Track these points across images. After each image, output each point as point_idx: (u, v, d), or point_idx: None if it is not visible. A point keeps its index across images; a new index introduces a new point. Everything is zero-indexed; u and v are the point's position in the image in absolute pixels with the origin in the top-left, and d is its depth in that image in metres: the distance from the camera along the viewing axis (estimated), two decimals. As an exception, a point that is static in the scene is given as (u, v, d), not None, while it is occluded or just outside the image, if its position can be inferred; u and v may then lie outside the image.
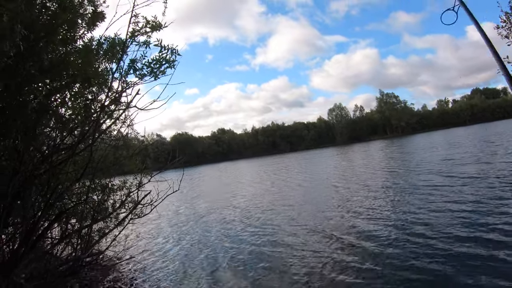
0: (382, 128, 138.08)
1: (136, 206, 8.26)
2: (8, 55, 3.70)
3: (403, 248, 7.57)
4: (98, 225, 8.47)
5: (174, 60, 5.74)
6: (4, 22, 3.45)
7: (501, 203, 9.62)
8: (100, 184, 8.11)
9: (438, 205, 10.67)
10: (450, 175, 15.64)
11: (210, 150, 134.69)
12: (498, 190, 11.21)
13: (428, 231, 8.36)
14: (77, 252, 7.72)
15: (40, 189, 5.77)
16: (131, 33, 5.54)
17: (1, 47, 3.57)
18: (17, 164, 4.68)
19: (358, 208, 12.09)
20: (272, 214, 13.34)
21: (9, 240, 6.00)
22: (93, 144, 6.18)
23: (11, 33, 3.55)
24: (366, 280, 6.31)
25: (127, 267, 8.87)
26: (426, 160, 24.39)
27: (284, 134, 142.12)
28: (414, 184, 15.15)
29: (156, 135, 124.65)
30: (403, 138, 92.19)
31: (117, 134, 8.51)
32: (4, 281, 4.68)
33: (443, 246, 7.28)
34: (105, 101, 5.84)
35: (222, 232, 11.74)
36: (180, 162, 9.64)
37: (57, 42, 4.65)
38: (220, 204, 18.46)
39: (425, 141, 54.68)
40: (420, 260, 6.77)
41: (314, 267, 7.28)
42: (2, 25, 3.45)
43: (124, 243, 10.20)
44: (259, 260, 8.25)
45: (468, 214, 9.16)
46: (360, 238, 8.68)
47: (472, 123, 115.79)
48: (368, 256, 7.41)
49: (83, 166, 6.40)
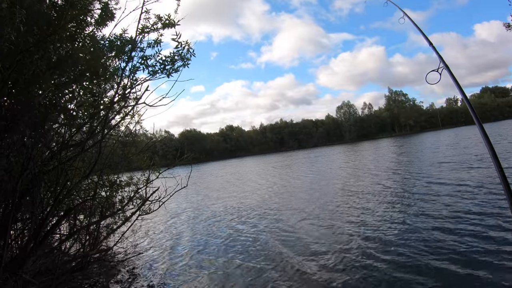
0: (391, 126, 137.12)
1: (145, 203, 8.26)
2: (9, 40, 3.67)
3: (411, 246, 7.47)
4: (106, 221, 8.49)
5: (189, 59, 5.68)
6: (4, 9, 3.43)
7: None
8: (108, 180, 8.12)
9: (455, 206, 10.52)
10: (466, 177, 15.40)
11: (218, 147, 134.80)
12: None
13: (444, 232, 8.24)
14: (85, 248, 7.74)
15: (49, 186, 5.76)
16: (141, 29, 5.49)
17: (2, 32, 3.54)
18: (26, 161, 4.67)
19: (376, 209, 11.97)
20: (282, 212, 13.27)
21: (17, 236, 6.02)
22: (102, 141, 6.17)
23: (11, 17, 3.53)
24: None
25: (135, 263, 8.87)
26: (439, 158, 24.09)
27: (293, 131, 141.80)
28: (428, 183, 14.97)
29: (164, 132, 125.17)
30: (412, 136, 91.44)
31: (125, 130, 8.51)
32: (12, 277, 4.67)
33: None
34: (114, 97, 5.81)
35: (231, 228, 11.70)
36: (188, 158, 9.62)
37: (65, 38, 4.60)
38: (229, 200, 18.47)
39: (434, 139, 54.17)
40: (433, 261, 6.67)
41: (322, 264, 7.22)
42: (2, 12, 3.42)
43: (132, 239, 10.22)
44: (267, 256, 8.20)
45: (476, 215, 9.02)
46: (375, 241, 8.58)
47: (482, 122, 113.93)
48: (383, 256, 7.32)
49: (91, 163, 6.39)
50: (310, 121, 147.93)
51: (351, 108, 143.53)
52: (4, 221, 4.79)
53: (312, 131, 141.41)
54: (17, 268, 4.86)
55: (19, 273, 4.80)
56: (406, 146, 47.79)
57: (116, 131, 7.98)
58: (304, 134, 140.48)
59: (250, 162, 68.02)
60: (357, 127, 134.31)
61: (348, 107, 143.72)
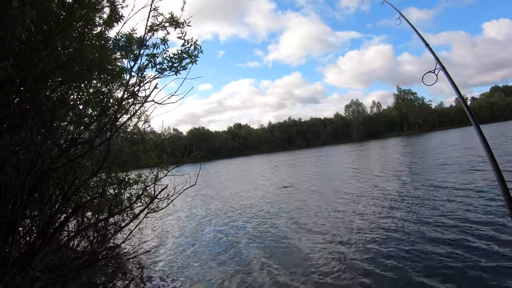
0: (399, 125, 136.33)
1: (153, 201, 8.29)
2: (20, 40, 3.68)
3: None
4: (114, 219, 8.54)
5: (197, 56, 5.68)
6: (15, 8, 3.44)
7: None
8: (116, 178, 8.16)
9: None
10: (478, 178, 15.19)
11: (226, 145, 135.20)
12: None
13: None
14: (93, 245, 7.79)
15: (57, 183, 5.79)
16: (150, 27, 5.48)
17: (13, 32, 3.55)
18: (35, 158, 4.68)
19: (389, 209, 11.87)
20: (293, 211, 13.22)
21: (26, 233, 6.06)
22: (111, 139, 6.19)
23: (22, 17, 3.53)
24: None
25: (142, 261, 8.89)
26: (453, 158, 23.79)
27: (301, 130, 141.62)
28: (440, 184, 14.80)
29: (173, 129, 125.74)
30: (421, 135, 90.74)
31: (133, 128, 8.55)
32: (21, 273, 4.70)
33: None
34: (123, 95, 5.82)
35: (240, 227, 11.67)
36: (197, 156, 9.64)
37: (74, 37, 4.61)
38: (238, 199, 18.44)
39: (445, 138, 53.65)
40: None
41: (323, 264, 7.16)
42: (13, 11, 3.43)
43: (140, 237, 10.26)
44: (273, 254, 8.17)
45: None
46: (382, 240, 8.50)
47: (491, 122, 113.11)
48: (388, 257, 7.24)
49: (100, 160, 6.42)
50: (319, 120, 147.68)
51: (360, 107, 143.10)
52: (13, 218, 4.82)
53: (320, 129, 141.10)
54: (25, 265, 4.89)
55: (27, 269, 4.83)
56: (413, 146, 47.41)
57: (124, 129, 8.01)
58: (312, 132, 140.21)
59: (258, 161, 68.00)
60: (366, 125, 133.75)
61: (357, 106, 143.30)
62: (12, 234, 4.80)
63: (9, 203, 5.15)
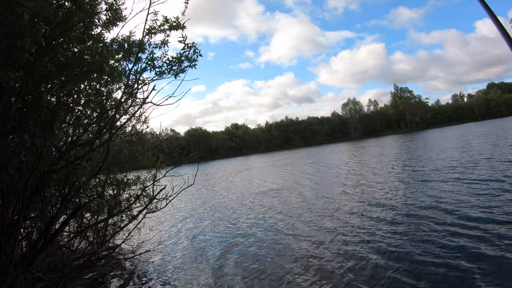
0: (396, 123, 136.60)
1: (151, 201, 8.35)
2: (29, 52, 3.75)
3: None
4: (113, 220, 8.60)
5: (196, 59, 5.76)
6: (25, 21, 3.50)
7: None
8: (115, 179, 8.22)
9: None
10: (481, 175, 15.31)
11: (224, 145, 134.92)
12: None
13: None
14: (93, 246, 7.86)
15: (58, 184, 5.86)
16: (148, 30, 5.56)
17: (22, 44, 3.62)
18: (36, 160, 4.76)
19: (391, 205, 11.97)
20: (291, 211, 13.30)
21: (27, 234, 6.13)
22: (110, 140, 6.26)
23: (32, 30, 3.61)
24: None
25: (142, 261, 8.96)
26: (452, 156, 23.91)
27: (298, 129, 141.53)
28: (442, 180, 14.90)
29: (170, 130, 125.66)
30: (418, 133, 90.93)
31: (132, 129, 8.61)
32: (23, 274, 4.77)
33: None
34: (121, 97, 5.89)
35: (237, 226, 11.73)
36: (195, 157, 9.71)
37: (73, 40, 4.68)
38: (236, 199, 18.50)
39: (442, 135, 53.82)
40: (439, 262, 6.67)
41: (321, 264, 7.25)
42: (24, 23, 3.50)
43: (138, 237, 10.31)
44: (270, 254, 8.23)
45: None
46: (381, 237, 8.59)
47: (488, 118, 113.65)
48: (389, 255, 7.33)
49: (99, 162, 6.49)
50: (316, 119, 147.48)
51: (356, 105, 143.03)
52: (15, 219, 4.89)
53: (318, 128, 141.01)
54: (27, 265, 4.96)
55: (29, 269, 4.90)
56: (410, 143, 47.53)
57: (123, 131, 8.07)
58: (309, 131, 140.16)
59: (257, 160, 67.97)
60: (363, 124, 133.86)
61: (354, 104, 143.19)
62: (14, 235, 4.87)
63: (11, 205, 5.21)
